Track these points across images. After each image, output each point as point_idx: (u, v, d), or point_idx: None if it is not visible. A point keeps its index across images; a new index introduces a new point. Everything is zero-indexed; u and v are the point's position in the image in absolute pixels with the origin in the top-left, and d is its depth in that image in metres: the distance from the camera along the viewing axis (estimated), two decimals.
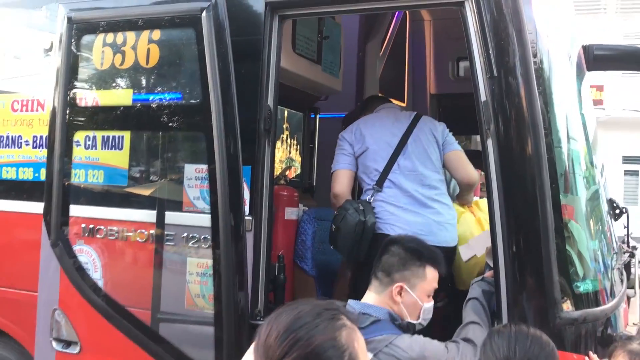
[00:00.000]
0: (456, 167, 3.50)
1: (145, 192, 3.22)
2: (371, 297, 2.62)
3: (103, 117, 3.36)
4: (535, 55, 2.61)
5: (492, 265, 2.72)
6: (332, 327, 1.44)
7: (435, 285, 2.62)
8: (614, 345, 2.49)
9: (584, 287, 2.69)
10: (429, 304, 2.60)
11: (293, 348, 1.40)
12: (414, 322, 2.58)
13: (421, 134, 3.43)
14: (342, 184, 3.41)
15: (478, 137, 5.89)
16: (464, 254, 3.26)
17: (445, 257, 3.26)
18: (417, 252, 2.61)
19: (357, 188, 4.70)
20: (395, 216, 3.27)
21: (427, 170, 3.36)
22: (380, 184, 3.32)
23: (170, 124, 3.16)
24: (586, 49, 3.39)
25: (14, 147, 3.58)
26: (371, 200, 3.30)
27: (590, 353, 2.56)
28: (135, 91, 3.23)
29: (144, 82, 3.24)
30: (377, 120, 3.53)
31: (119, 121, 3.31)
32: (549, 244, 2.50)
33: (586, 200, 2.98)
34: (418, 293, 2.56)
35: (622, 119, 16.67)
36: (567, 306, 2.56)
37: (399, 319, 2.55)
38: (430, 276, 2.60)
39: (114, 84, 3.30)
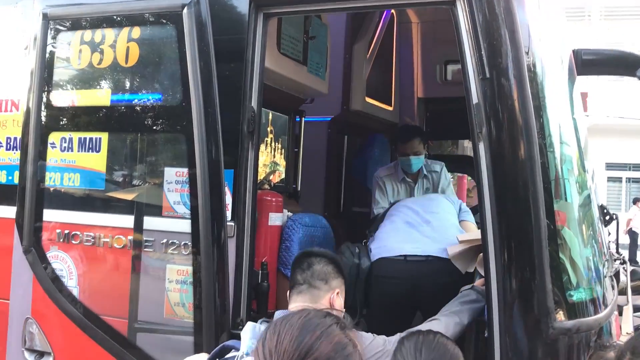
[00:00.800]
0: None
1: (124, 196, 3.13)
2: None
3: (80, 118, 3.27)
4: (528, 57, 2.54)
5: (482, 273, 2.65)
6: (340, 328, 1.54)
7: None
8: (596, 356, 2.44)
9: (577, 295, 2.62)
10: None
11: (313, 348, 1.44)
12: None
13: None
14: None
15: (465, 142, 5.91)
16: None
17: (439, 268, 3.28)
18: (340, 266, 2.74)
19: (345, 195, 4.62)
20: (390, 234, 3.48)
21: (438, 197, 3.78)
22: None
23: (149, 126, 3.08)
24: (575, 54, 3.35)
25: None
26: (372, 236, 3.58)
27: None
28: (114, 91, 3.14)
29: (122, 82, 3.15)
30: None
31: (97, 122, 3.22)
32: (542, 252, 2.43)
33: (578, 206, 2.92)
34: (343, 300, 2.71)
35: (606, 125, 16.81)
36: (560, 316, 2.49)
37: None
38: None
39: (91, 84, 3.21)
